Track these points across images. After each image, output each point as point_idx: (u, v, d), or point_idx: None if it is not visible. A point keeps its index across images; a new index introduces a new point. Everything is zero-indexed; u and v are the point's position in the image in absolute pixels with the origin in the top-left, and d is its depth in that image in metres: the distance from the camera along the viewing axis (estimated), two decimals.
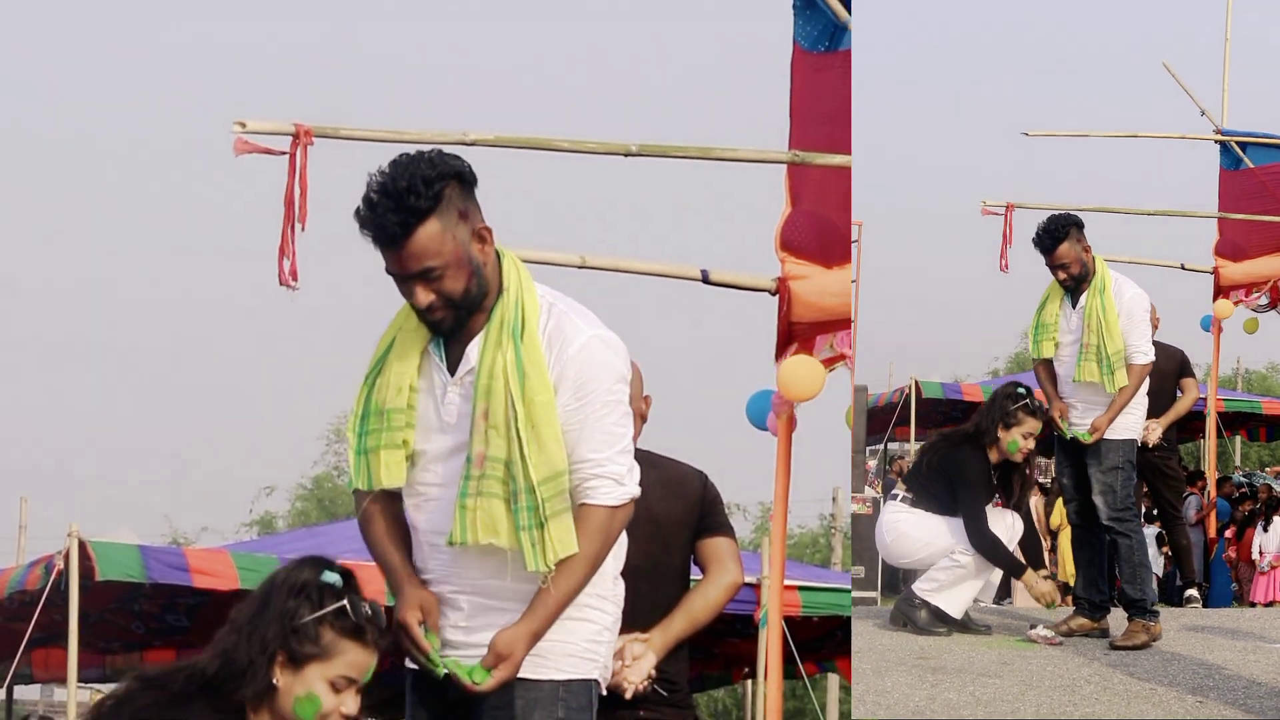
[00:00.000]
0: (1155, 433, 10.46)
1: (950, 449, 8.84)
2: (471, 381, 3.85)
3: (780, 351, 8.17)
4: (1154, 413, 10.45)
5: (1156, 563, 17.21)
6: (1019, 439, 8.62)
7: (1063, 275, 8.20)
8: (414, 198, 3.75)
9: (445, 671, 3.86)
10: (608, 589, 3.97)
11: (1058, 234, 8.13)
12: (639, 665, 4.71)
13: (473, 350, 3.87)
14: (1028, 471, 8.97)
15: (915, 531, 8.73)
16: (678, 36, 74.93)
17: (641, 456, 4.95)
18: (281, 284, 6.76)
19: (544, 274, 4.04)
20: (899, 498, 8.86)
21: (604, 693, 4.07)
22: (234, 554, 9.82)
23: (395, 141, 7.60)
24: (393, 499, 3.99)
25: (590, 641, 3.92)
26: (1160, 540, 16.96)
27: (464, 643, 3.89)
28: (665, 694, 4.81)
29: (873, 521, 16.23)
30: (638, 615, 4.72)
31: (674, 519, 4.88)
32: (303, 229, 7.14)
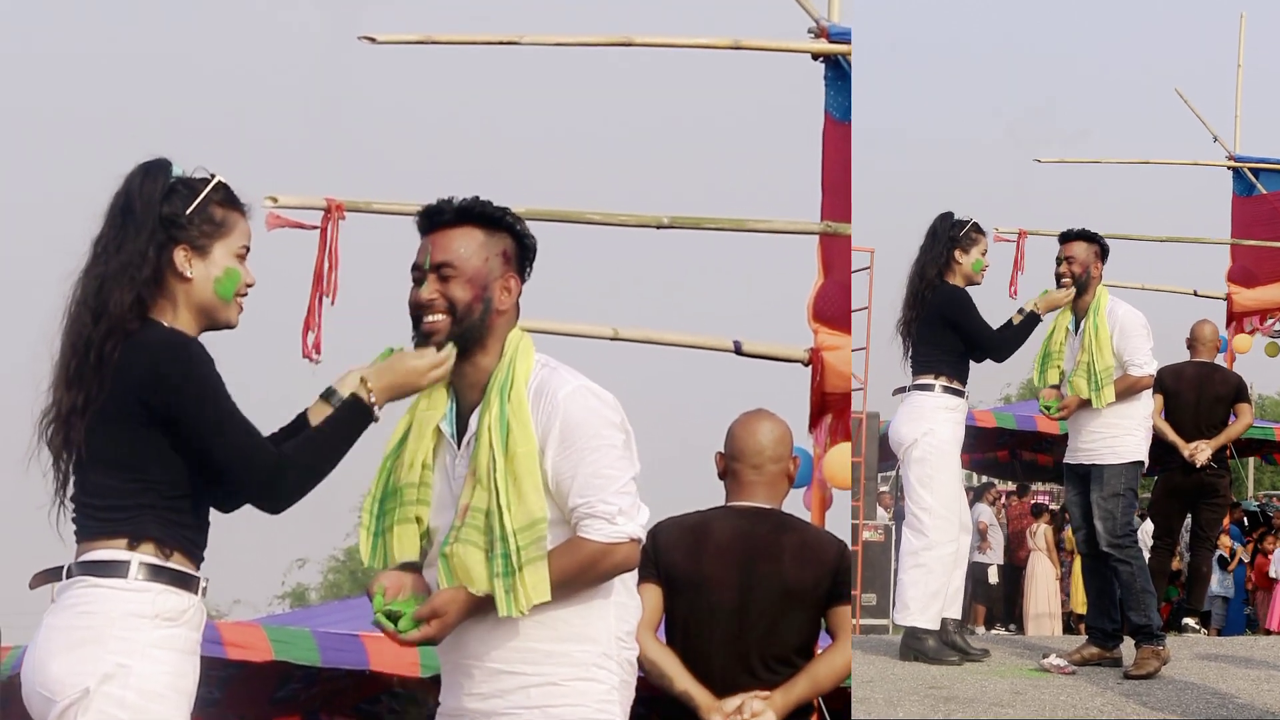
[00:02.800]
0: (1204, 454, 10.50)
1: (927, 301, 8.55)
2: (472, 448, 3.93)
3: (814, 422, 8.19)
4: (1206, 434, 10.51)
5: (1224, 585, 17.15)
6: (980, 259, 8.63)
7: (1063, 269, 8.46)
8: (472, 202, 3.99)
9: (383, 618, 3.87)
10: (613, 649, 3.96)
11: (1084, 234, 8.49)
12: None
13: (473, 420, 3.95)
14: None
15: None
16: (710, 108, 75.17)
17: (780, 519, 4.98)
18: (305, 356, 6.73)
19: (576, 346, 4.12)
20: (909, 387, 8.57)
21: None
22: (267, 627, 9.83)
23: None
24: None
25: (601, 701, 3.91)
26: (1223, 562, 16.91)
27: (479, 711, 3.91)
28: None
29: (885, 548, 16.24)
30: (760, 677, 4.78)
31: (807, 584, 4.87)
32: (331, 303, 7.13)
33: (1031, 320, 8.56)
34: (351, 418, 3.88)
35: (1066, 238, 8.52)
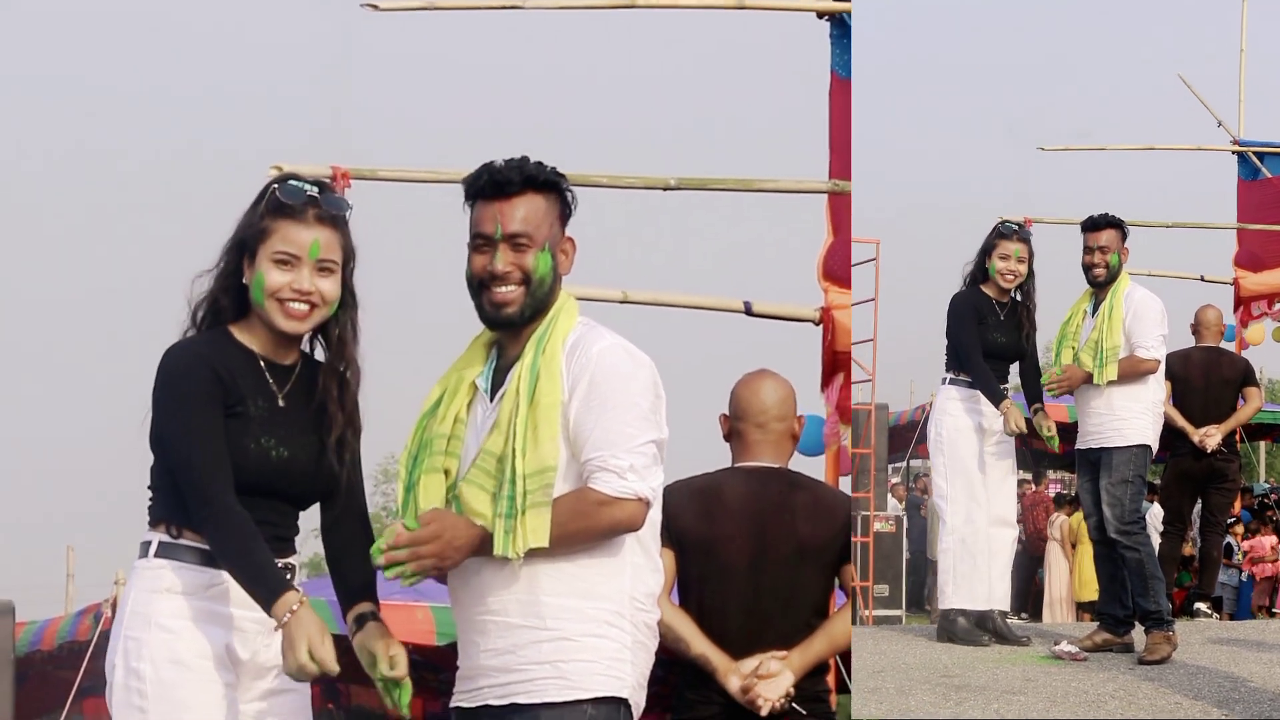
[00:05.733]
0: (1214, 438, 10.53)
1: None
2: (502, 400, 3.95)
3: (826, 381, 8.19)
4: (1215, 419, 10.51)
5: (1230, 572, 17.08)
6: (996, 261, 8.65)
7: (1098, 259, 8.40)
8: (537, 169, 3.98)
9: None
10: (626, 609, 3.94)
11: (1113, 220, 8.42)
12: (776, 682, 4.71)
13: (510, 374, 3.96)
14: (1031, 311, 8.80)
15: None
16: (715, 68, 75.23)
17: (790, 478, 4.98)
18: None
19: (586, 309, 4.11)
20: (947, 380, 8.79)
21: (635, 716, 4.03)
22: None
23: (433, 181, 7.65)
24: None
25: (612, 660, 3.90)
26: (1230, 550, 16.86)
27: (493, 667, 3.92)
28: (804, 712, 4.79)
29: (895, 539, 16.27)
30: (777, 637, 4.78)
31: (820, 543, 4.87)
32: None
33: (998, 400, 8.60)
34: (259, 585, 3.78)
35: (1095, 226, 8.43)
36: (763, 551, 4.84)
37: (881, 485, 16.29)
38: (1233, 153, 15.57)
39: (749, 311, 8.22)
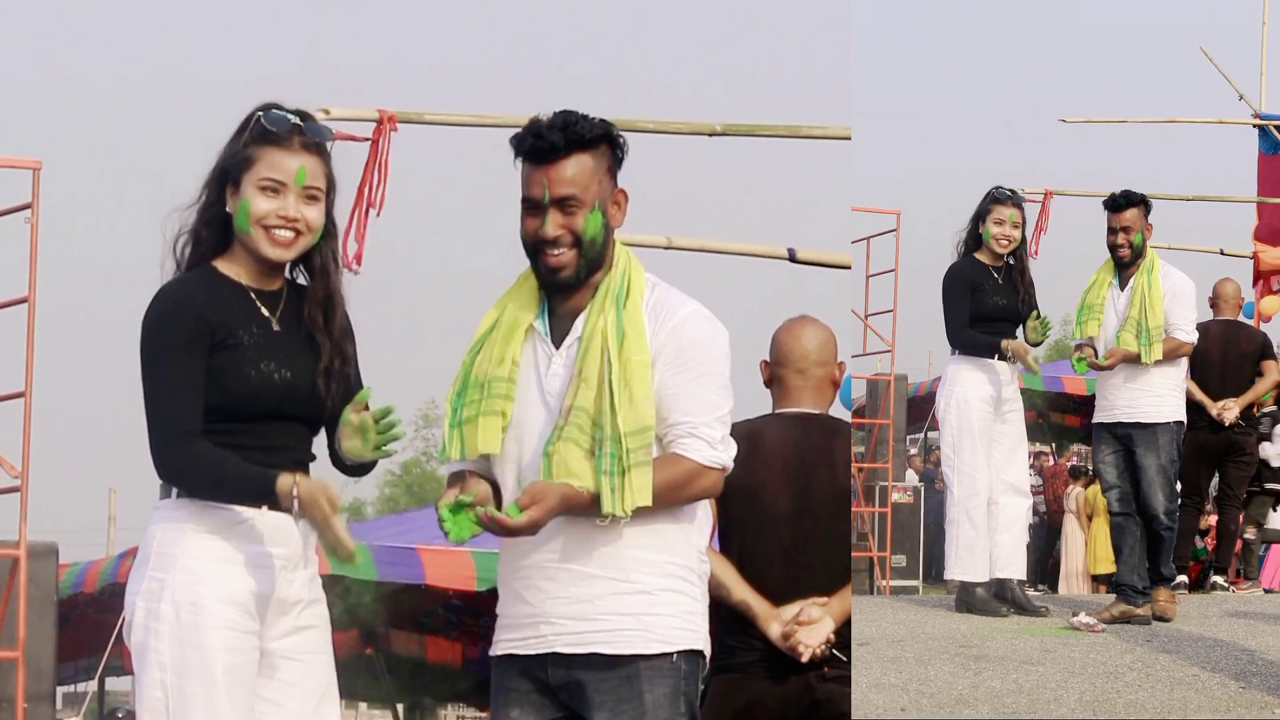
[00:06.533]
0: (1232, 412, 10.61)
1: None
2: (576, 350, 3.93)
3: None
4: (1232, 392, 10.55)
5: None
6: (991, 226, 8.75)
7: (1122, 240, 8.46)
8: (580, 126, 3.91)
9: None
10: (694, 563, 3.99)
11: (1133, 198, 8.48)
12: (817, 629, 4.73)
13: (580, 321, 3.95)
14: (1025, 273, 8.89)
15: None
16: (759, 15, 74.91)
17: (830, 424, 5.02)
18: (344, 266, 6.84)
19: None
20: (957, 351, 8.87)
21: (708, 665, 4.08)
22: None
23: (479, 125, 7.65)
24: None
25: (689, 614, 3.95)
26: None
27: (565, 615, 3.91)
28: (845, 659, 4.82)
29: (914, 510, 16.30)
30: (817, 583, 4.80)
31: None
32: (377, 214, 7.13)
33: (997, 353, 8.66)
34: (254, 488, 3.88)
35: (1117, 206, 8.49)
36: (803, 497, 4.86)
37: (900, 456, 16.33)
38: (1254, 126, 15.53)
39: (792, 258, 8.29)
